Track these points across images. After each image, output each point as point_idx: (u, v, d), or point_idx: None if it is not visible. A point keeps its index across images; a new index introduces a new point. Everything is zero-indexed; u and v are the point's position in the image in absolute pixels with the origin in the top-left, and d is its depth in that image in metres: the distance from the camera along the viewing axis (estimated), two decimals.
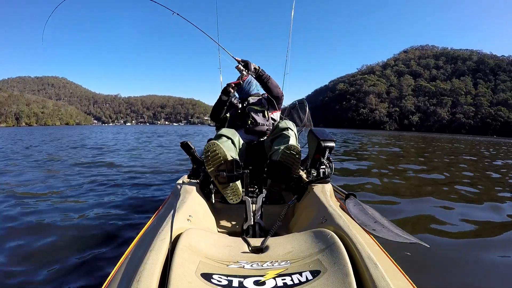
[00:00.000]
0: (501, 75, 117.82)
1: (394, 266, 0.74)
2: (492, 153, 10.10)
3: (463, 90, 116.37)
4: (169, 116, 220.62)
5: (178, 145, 8.58)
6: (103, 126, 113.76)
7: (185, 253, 0.65)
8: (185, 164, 4.96)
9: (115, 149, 7.64)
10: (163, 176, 3.87)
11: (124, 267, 0.71)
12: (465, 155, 8.54)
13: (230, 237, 0.89)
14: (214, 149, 1.25)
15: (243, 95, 2.06)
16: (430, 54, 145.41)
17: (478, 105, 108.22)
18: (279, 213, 1.12)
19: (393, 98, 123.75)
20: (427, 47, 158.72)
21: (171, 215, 0.86)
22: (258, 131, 1.87)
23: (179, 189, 1.22)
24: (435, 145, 13.71)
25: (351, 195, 1.23)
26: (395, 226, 0.94)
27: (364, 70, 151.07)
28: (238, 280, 0.59)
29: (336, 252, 0.64)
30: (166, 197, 1.45)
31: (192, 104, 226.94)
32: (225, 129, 1.55)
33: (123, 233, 1.84)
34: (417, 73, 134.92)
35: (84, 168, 4.50)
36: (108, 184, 3.27)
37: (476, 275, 1.48)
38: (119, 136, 15.36)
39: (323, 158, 1.38)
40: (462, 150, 10.99)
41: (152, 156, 6.30)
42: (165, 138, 14.35)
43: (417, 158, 7.09)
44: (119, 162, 5.12)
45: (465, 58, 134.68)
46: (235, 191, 1.32)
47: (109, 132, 21.18)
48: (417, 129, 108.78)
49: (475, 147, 13.53)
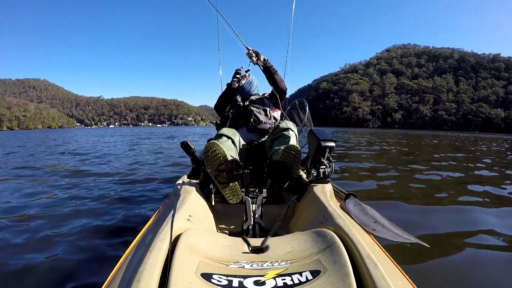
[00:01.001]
0: (482, 73, 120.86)
1: (394, 266, 0.74)
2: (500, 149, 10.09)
3: (444, 87, 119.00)
4: (153, 118, 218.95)
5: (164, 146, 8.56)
6: (86, 128, 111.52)
7: (185, 253, 0.65)
8: (183, 165, 4.97)
9: (113, 153, 7.64)
10: (163, 176, 3.87)
11: (124, 267, 0.71)
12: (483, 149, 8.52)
13: (230, 237, 0.89)
14: (214, 149, 1.25)
15: (244, 95, 2.06)
16: (412, 53, 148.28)
17: (459, 102, 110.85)
18: (279, 213, 1.12)
19: (376, 96, 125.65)
20: (409, 45, 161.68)
21: (171, 215, 0.86)
22: (261, 129, 1.87)
23: (179, 189, 1.22)
24: (433, 141, 13.68)
25: (351, 195, 1.23)
26: (395, 226, 0.94)
27: (347, 69, 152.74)
28: (238, 280, 0.59)
29: (336, 252, 0.64)
30: (166, 197, 1.45)
31: (175, 105, 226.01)
32: (225, 129, 1.55)
33: (123, 233, 1.84)
34: (399, 71, 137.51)
35: (84, 168, 4.50)
36: (108, 184, 3.27)
37: (476, 275, 1.48)
38: (110, 139, 15.31)
39: (323, 158, 1.38)
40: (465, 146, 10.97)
41: (151, 157, 6.31)
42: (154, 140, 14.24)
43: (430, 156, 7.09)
44: (119, 163, 5.12)
45: (446, 56, 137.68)
46: (235, 191, 1.32)
47: (98, 135, 20.77)
48: (400, 126, 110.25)
49: (478, 143, 13.49)
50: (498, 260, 1.64)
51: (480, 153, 8.73)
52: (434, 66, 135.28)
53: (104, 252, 1.59)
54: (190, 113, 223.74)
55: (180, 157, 5.97)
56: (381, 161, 5.98)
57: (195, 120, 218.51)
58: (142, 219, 2.09)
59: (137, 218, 2.13)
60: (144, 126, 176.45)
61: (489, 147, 11.79)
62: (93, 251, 1.60)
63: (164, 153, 7.06)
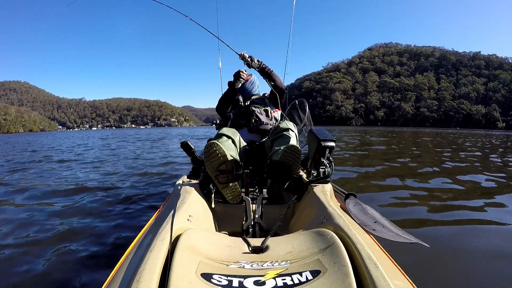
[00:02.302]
0: (462, 70, 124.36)
1: (394, 266, 0.74)
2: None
3: (426, 85, 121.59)
4: (136, 119, 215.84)
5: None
6: (68, 131, 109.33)
7: (185, 253, 0.65)
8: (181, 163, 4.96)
9: (113, 154, 7.64)
10: (162, 176, 3.87)
11: (124, 267, 0.71)
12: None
13: (230, 237, 0.89)
14: (215, 149, 1.25)
15: (246, 94, 2.06)
16: (394, 51, 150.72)
17: (441, 99, 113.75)
18: (279, 213, 1.12)
19: (358, 94, 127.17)
20: (391, 44, 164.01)
21: (171, 215, 0.86)
22: (262, 129, 1.87)
23: (179, 189, 1.22)
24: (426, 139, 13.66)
25: (351, 195, 1.23)
26: (395, 226, 0.94)
27: (330, 67, 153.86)
28: (238, 280, 0.59)
29: (336, 252, 0.64)
30: (166, 197, 1.45)
31: (158, 106, 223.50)
32: (225, 129, 1.55)
33: (123, 233, 1.84)
34: (381, 69, 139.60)
35: (83, 168, 4.50)
36: (108, 185, 3.27)
37: (476, 275, 1.48)
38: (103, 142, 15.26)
39: (323, 158, 1.38)
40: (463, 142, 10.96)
41: (151, 157, 6.30)
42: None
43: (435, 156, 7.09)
44: (118, 164, 5.12)
45: (427, 54, 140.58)
46: (235, 191, 1.32)
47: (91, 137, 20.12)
48: (382, 123, 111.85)
49: (465, 139, 13.59)
50: (498, 259, 1.64)
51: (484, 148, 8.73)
52: (416, 64, 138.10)
53: (104, 252, 1.59)
54: (173, 114, 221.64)
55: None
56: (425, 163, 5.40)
57: (178, 121, 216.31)
58: (142, 219, 2.09)
59: (137, 218, 2.13)
60: (127, 128, 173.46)
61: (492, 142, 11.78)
62: (93, 251, 1.60)
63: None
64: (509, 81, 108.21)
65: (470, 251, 1.74)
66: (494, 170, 4.81)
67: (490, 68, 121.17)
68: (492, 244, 1.86)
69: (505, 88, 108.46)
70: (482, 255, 1.69)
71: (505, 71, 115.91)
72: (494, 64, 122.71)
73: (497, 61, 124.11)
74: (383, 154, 7.17)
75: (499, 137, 20.26)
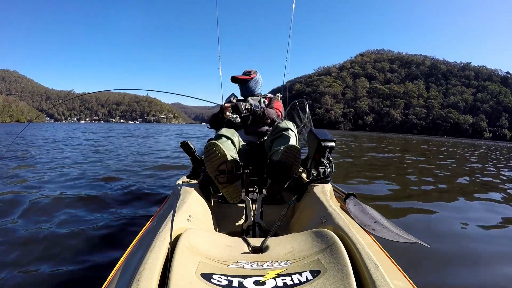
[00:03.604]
0: (452, 80, 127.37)
1: (394, 266, 0.74)
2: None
3: (415, 93, 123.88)
4: (125, 114, 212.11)
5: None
6: (56, 123, 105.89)
7: (185, 253, 0.65)
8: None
9: (109, 150, 7.63)
10: (162, 176, 3.87)
11: (124, 267, 0.71)
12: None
13: (230, 237, 0.89)
14: (215, 149, 1.26)
15: (248, 93, 2.01)
16: (385, 58, 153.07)
17: (429, 107, 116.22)
18: (279, 213, 1.12)
19: (348, 99, 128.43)
20: (383, 51, 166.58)
21: (171, 215, 0.86)
22: (259, 131, 1.87)
23: (179, 189, 1.22)
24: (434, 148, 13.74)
25: (351, 195, 1.23)
26: (395, 226, 0.94)
27: (321, 71, 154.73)
28: (238, 280, 0.59)
29: (336, 252, 0.64)
30: (166, 197, 1.45)
31: (148, 101, 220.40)
32: (224, 129, 1.55)
33: (123, 233, 1.84)
34: (372, 75, 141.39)
35: (83, 168, 4.50)
36: (108, 184, 3.27)
37: (476, 275, 1.48)
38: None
39: (323, 158, 1.38)
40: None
41: (151, 156, 6.31)
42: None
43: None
44: (118, 163, 5.12)
45: (418, 63, 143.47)
46: (235, 191, 1.32)
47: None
48: (371, 129, 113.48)
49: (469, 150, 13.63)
50: (498, 259, 1.64)
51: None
52: (406, 72, 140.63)
53: (104, 252, 1.59)
54: (162, 110, 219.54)
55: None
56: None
57: (167, 117, 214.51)
58: (142, 219, 2.09)
59: (137, 218, 2.13)
60: (116, 123, 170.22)
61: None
62: (93, 251, 1.60)
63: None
64: (498, 93, 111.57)
65: (470, 251, 1.74)
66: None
67: (479, 79, 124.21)
68: (492, 244, 1.86)
69: (493, 99, 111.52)
70: (483, 255, 1.69)
71: (493, 83, 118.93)
72: (483, 76, 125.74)
73: (486, 73, 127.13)
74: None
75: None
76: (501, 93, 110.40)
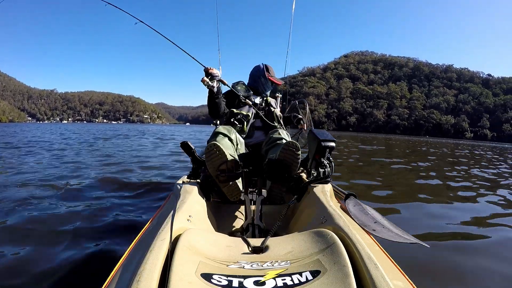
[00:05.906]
0: (434, 81, 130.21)
1: (394, 266, 0.74)
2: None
3: (398, 94, 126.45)
4: (108, 114, 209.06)
5: None
6: (38, 123, 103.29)
7: (185, 253, 0.65)
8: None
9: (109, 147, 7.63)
10: (162, 176, 3.87)
11: (124, 267, 0.71)
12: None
13: (230, 237, 0.89)
14: (215, 149, 1.26)
15: (262, 89, 2.10)
16: (369, 60, 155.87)
17: (412, 108, 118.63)
18: (279, 213, 1.12)
19: (332, 99, 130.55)
20: (367, 52, 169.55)
21: (171, 215, 0.86)
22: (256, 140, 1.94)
23: (179, 189, 1.22)
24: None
25: (351, 195, 1.23)
26: (395, 226, 0.94)
27: (305, 72, 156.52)
28: (238, 280, 0.59)
29: (336, 252, 0.64)
30: (166, 197, 1.45)
31: (132, 101, 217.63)
32: (221, 127, 1.53)
33: (123, 233, 1.84)
34: (356, 76, 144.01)
35: (82, 168, 4.50)
36: (108, 184, 3.27)
37: (476, 275, 1.48)
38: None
39: (323, 158, 1.38)
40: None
41: (152, 155, 6.31)
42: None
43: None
44: (117, 162, 5.12)
45: (402, 64, 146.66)
46: (236, 189, 1.32)
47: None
48: (354, 129, 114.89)
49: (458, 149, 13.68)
50: (498, 258, 1.64)
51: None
52: (390, 73, 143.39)
53: (104, 252, 1.59)
54: (146, 110, 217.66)
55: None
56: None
57: (151, 117, 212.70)
58: (142, 219, 2.09)
59: (137, 218, 2.13)
60: (99, 123, 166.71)
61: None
62: (93, 251, 1.60)
63: None
64: (479, 94, 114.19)
65: (470, 251, 1.74)
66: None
67: (461, 81, 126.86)
68: (492, 244, 1.86)
69: (474, 100, 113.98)
70: (483, 255, 1.69)
71: (475, 85, 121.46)
72: (465, 77, 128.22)
73: (468, 75, 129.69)
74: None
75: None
76: (483, 95, 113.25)
